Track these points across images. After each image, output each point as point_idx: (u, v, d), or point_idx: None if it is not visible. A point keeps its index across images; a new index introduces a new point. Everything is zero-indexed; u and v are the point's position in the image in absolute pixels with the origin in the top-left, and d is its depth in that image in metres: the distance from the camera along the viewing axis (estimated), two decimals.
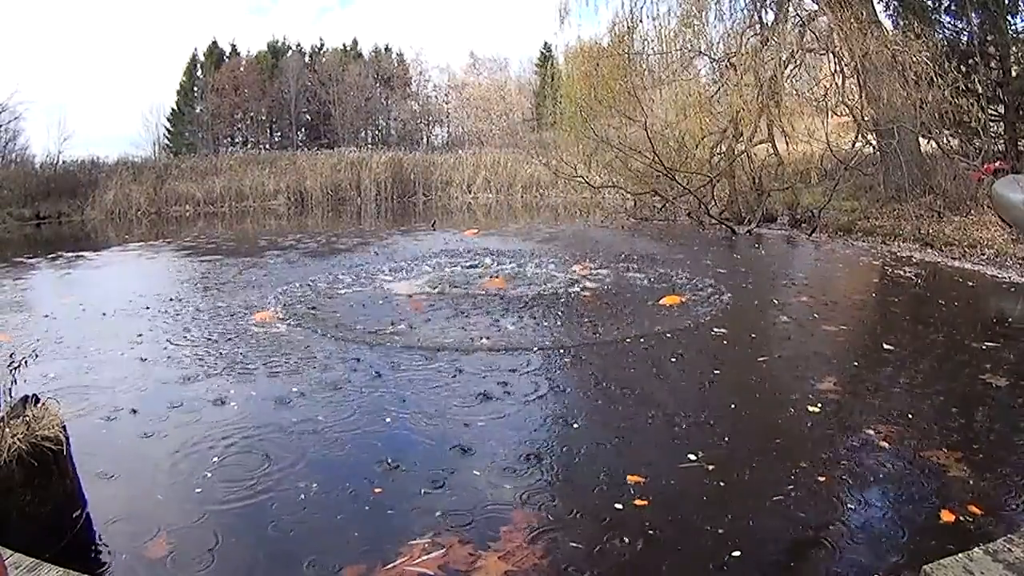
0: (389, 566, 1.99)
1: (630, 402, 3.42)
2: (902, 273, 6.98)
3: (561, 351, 4.25)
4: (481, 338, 4.51)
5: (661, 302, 5.54)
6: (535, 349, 4.25)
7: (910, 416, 3.07)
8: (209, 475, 2.60)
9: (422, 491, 2.46)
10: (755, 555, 2.05)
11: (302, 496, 2.43)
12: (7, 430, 2.06)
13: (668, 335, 4.54)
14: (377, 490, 2.47)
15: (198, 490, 2.49)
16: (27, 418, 2.15)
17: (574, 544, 2.11)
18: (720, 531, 2.16)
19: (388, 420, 3.15)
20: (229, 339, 4.60)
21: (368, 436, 2.98)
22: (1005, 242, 7.40)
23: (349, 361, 4.04)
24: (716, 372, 3.86)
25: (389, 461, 2.70)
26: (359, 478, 2.58)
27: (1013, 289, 6.08)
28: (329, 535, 2.19)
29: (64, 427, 2.22)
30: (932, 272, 7.00)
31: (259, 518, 2.32)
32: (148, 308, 5.69)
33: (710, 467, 2.58)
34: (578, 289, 6.23)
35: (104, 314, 5.51)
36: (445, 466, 2.68)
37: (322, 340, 4.52)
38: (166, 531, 2.19)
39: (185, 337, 4.70)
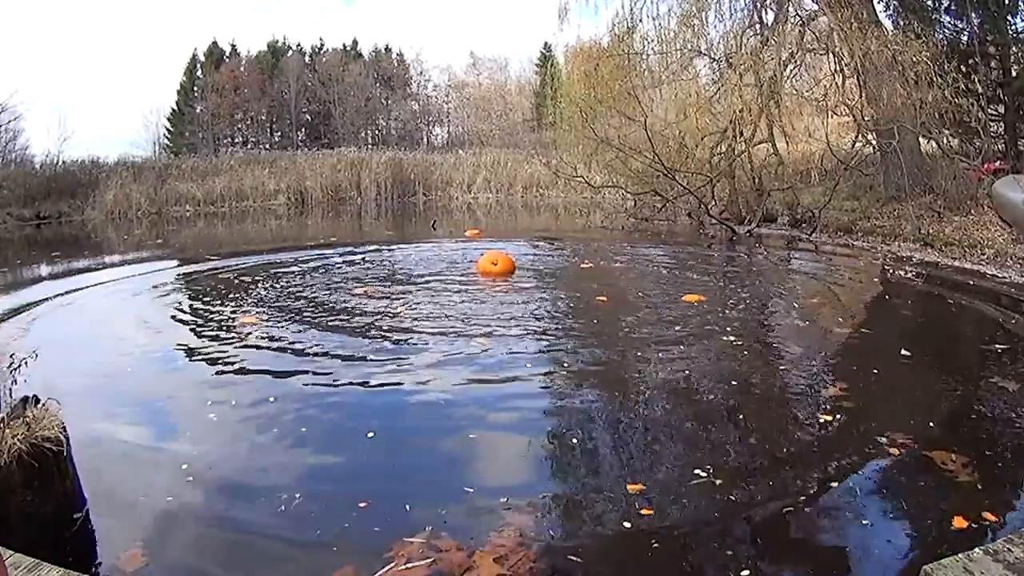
0: (383, 570, 1.95)
1: (635, 409, 3.34)
2: (903, 273, 6.98)
3: (567, 351, 4.21)
4: (485, 328, 4.53)
5: (682, 298, 5.52)
6: (541, 348, 4.24)
7: (922, 422, 2.99)
8: (191, 478, 2.57)
9: (411, 500, 2.41)
10: (766, 571, 1.98)
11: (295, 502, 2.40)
12: (7, 431, 2.06)
13: (676, 340, 4.38)
14: (363, 503, 2.38)
15: (168, 498, 2.45)
16: (27, 419, 2.15)
17: (573, 557, 2.05)
18: (728, 543, 2.10)
19: (374, 427, 3.15)
20: (221, 344, 4.55)
21: (356, 442, 2.95)
22: (1005, 242, 7.39)
23: (346, 367, 3.99)
24: (723, 377, 3.76)
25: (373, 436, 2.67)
26: (346, 480, 2.57)
27: (1014, 290, 6.07)
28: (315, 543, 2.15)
29: (64, 428, 2.22)
30: (933, 272, 6.99)
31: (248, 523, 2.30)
32: (142, 315, 5.68)
33: (717, 481, 2.45)
34: (588, 285, 6.24)
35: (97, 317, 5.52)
36: (442, 461, 2.69)
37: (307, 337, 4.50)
38: (148, 542, 2.14)
39: (177, 342, 4.67)
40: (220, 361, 4.11)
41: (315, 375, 3.75)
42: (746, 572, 1.93)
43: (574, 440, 2.94)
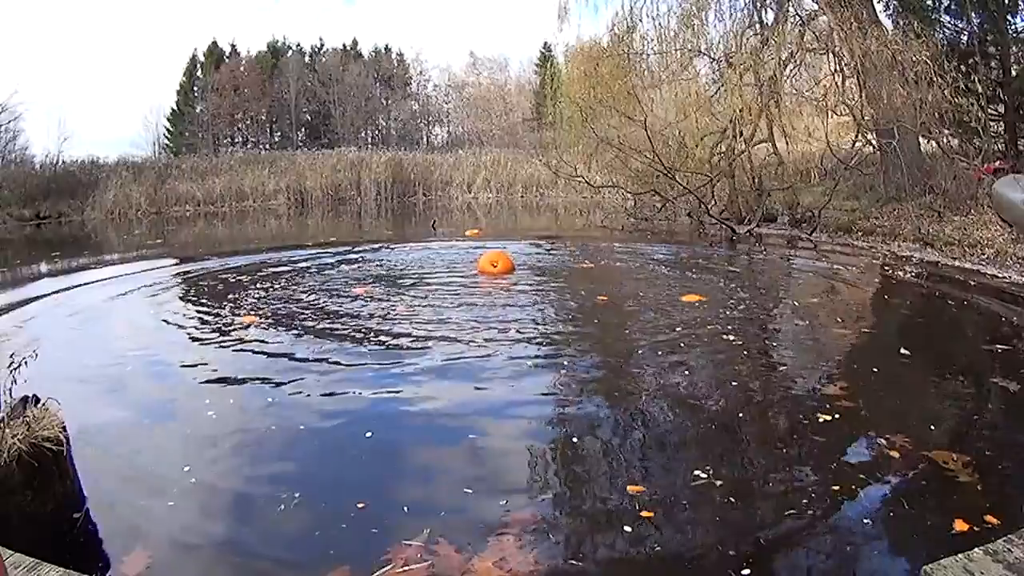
0: (381, 571, 1.93)
1: (635, 412, 3.32)
2: (903, 273, 6.98)
3: (567, 354, 4.18)
4: (485, 330, 4.52)
5: (682, 298, 5.51)
6: (541, 351, 4.20)
7: (922, 422, 2.97)
8: (193, 480, 2.57)
9: (410, 503, 2.40)
10: (766, 571, 1.97)
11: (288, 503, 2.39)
12: (7, 431, 2.06)
13: (676, 341, 4.35)
14: (361, 504, 2.38)
15: (170, 502, 2.43)
16: (27, 419, 2.15)
17: (573, 561, 2.04)
18: (728, 544, 2.08)
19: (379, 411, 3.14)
20: (220, 345, 4.54)
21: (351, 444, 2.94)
22: (1005, 242, 7.39)
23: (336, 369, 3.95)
24: (724, 379, 3.73)
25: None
26: (345, 481, 2.57)
27: (1015, 289, 6.06)
28: (312, 544, 2.14)
29: (64, 427, 2.22)
30: (933, 272, 6.99)
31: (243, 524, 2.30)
32: (143, 314, 5.68)
33: (719, 483, 2.44)
34: (588, 285, 6.22)
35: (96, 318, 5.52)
36: (441, 464, 2.69)
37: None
38: (148, 543, 2.13)
39: (177, 343, 4.67)
40: (219, 362, 4.09)
41: (314, 377, 3.73)
42: (747, 572, 1.93)
43: (575, 443, 2.91)
